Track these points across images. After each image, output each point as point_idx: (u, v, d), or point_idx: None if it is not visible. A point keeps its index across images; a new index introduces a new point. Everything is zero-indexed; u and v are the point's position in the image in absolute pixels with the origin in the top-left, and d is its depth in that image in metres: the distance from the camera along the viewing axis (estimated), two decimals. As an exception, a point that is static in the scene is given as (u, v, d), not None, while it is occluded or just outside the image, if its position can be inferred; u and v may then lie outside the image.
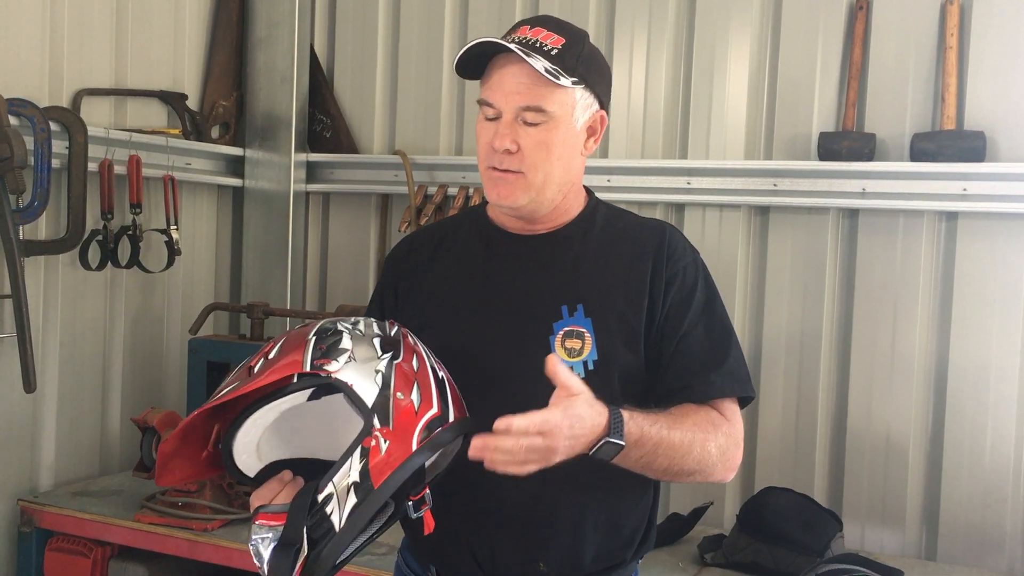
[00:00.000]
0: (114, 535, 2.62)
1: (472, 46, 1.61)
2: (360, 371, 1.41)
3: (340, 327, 1.48)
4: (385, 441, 1.37)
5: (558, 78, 1.58)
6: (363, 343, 1.46)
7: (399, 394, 1.41)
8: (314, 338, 1.45)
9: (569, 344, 1.62)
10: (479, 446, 1.35)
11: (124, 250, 2.97)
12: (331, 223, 3.52)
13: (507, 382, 1.62)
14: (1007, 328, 2.61)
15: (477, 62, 1.65)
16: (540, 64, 1.57)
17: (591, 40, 1.71)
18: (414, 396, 1.42)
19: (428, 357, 1.52)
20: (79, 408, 2.97)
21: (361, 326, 1.50)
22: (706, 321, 1.67)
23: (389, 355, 1.45)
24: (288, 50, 3.39)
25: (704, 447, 1.56)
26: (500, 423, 1.35)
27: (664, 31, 2.99)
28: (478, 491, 1.61)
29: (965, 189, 2.59)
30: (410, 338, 1.54)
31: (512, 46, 1.57)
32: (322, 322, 1.50)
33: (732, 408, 1.65)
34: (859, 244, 2.78)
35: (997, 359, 2.62)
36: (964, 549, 2.64)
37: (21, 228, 2.63)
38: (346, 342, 1.44)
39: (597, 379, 1.61)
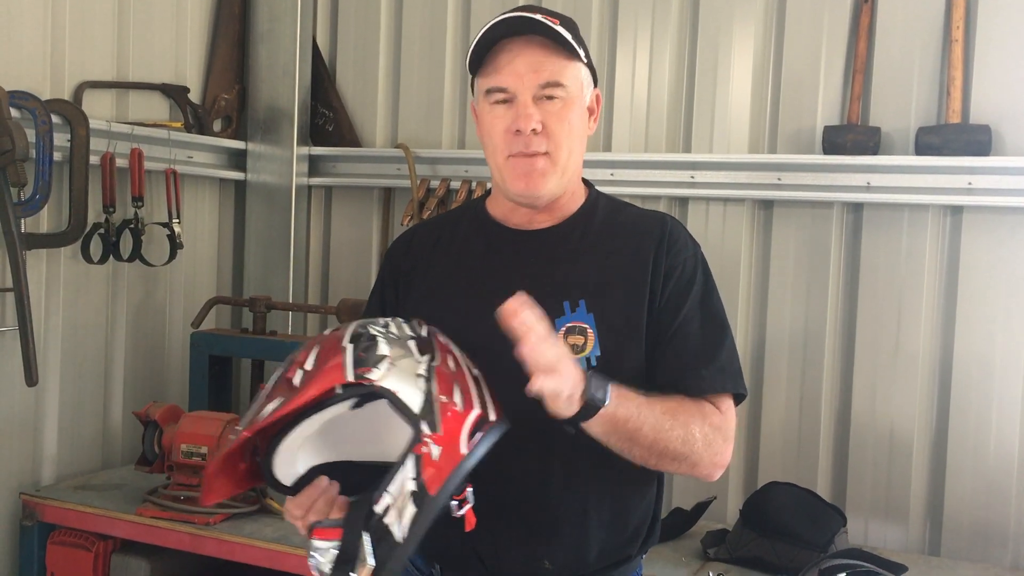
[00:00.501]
0: (116, 529, 2.62)
1: (489, 30, 1.59)
2: (402, 377, 1.38)
3: (373, 331, 1.44)
4: (436, 447, 1.34)
5: (580, 47, 1.59)
6: (399, 347, 1.42)
7: (443, 397, 1.38)
8: (351, 345, 1.41)
9: (572, 340, 1.61)
10: (511, 309, 1.36)
11: (126, 243, 2.96)
12: (333, 217, 3.51)
13: (509, 379, 1.61)
14: (1012, 323, 2.60)
15: (483, 48, 1.63)
16: (567, 33, 1.57)
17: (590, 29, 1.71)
18: (456, 398, 1.39)
19: (461, 356, 1.49)
20: (81, 402, 2.96)
21: (393, 329, 1.46)
22: (701, 314, 1.66)
23: (427, 358, 1.42)
24: (290, 43, 3.38)
25: (688, 428, 1.54)
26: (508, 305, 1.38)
27: (668, 24, 2.98)
28: (482, 489, 1.60)
29: (970, 183, 2.58)
30: (440, 337, 1.50)
31: (538, 16, 1.56)
32: (353, 326, 1.46)
33: (726, 403, 1.64)
34: (863, 238, 2.77)
35: (1002, 354, 2.61)
36: (968, 544, 2.64)
37: (23, 221, 2.62)
38: (383, 347, 1.40)
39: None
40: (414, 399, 1.36)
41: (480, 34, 1.61)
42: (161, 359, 3.23)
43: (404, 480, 1.33)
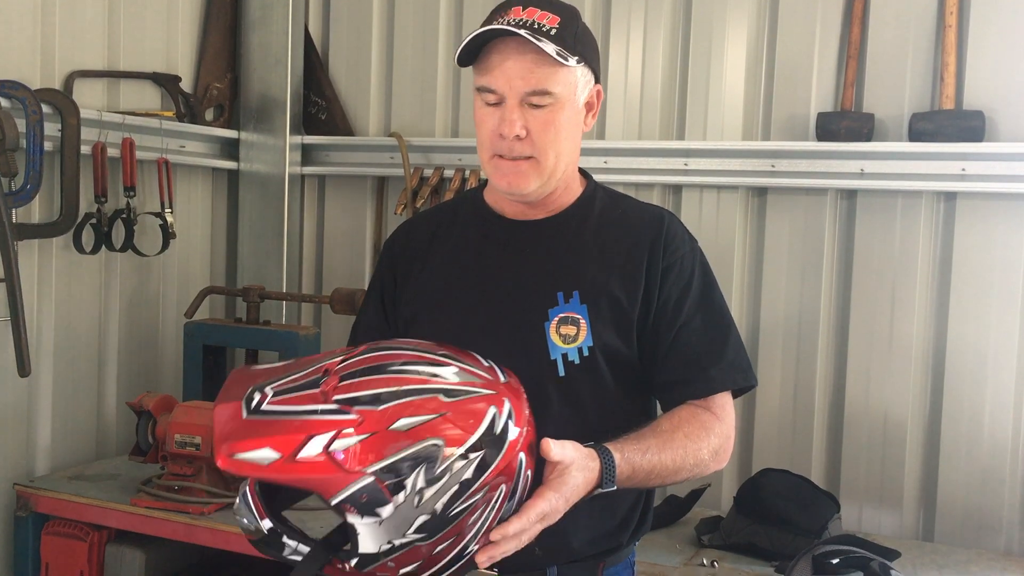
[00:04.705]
0: (111, 519, 2.62)
1: (479, 34, 1.58)
2: (374, 534, 1.30)
3: (401, 482, 1.28)
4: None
5: (567, 60, 1.56)
6: (399, 519, 1.30)
7: (390, 564, 1.33)
8: (368, 477, 1.29)
9: (564, 330, 1.61)
10: (484, 561, 1.34)
11: (118, 234, 2.95)
12: (327, 206, 3.50)
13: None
14: (1005, 309, 2.60)
15: (470, 47, 1.62)
16: (551, 47, 1.55)
17: (584, 17, 1.70)
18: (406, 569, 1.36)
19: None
20: (74, 392, 2.96)
21: (422, 485, 1.30)
22: (704, 312, 1.67)
23: (421, 536, 1.32)
24: (282, 31, 3.36)
25: (697, 456, 1.58)
26: (495, 534, 1.34)
27: (661, 11, 2.97)
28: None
29: (964, 169, 2.58)
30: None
31: (523, 32, 1.54)
32: (402, 456, 1.29)
33: (725, 402, 1.66)
34: (857, 225, 2.76)
35: (995, 339, 2.61)
36: (961, 530, 2.65)
37: (14, 211, 2.61)
38: (386, 509, 1.28)
39: (591, 366, 1.61)
40: (367, 543, 1.31)
41: (468, 38, 1.59)
42: (154, 349, 3.23)
43: None
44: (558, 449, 1.39)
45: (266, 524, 1.36)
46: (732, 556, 2.44)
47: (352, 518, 1.28)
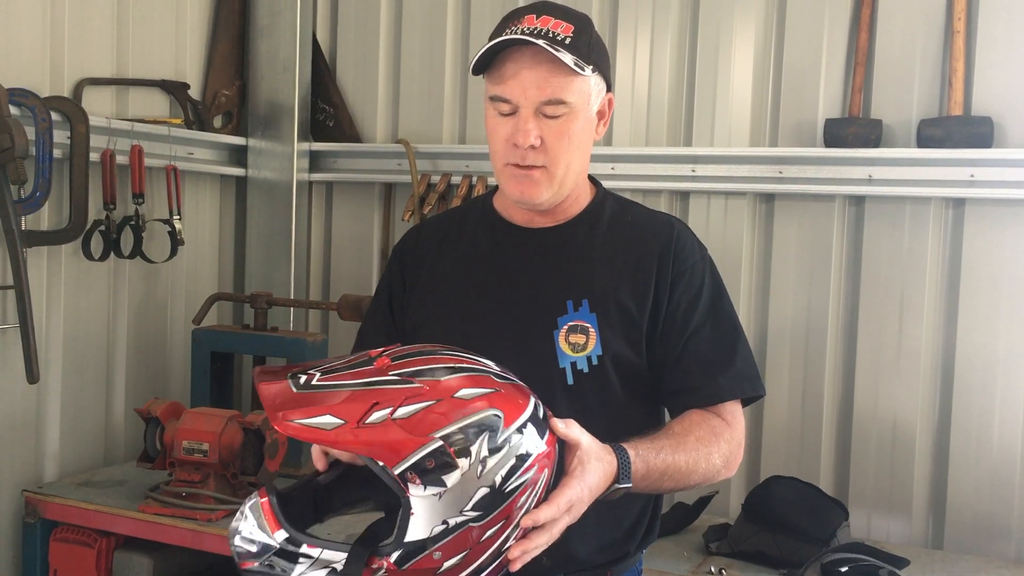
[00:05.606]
0: (118, 525, 2.62)
1: (496, 44, 1.58)
2: (433, 511, 1.29)
3: (461, 460, 1.29)
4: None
5: (583, 69, 1.56)
6: (459, 492, 1.30)
7: (436, 554, 1.31)
8: (437, 442, 1.30)
9: (573, 339, 1.61)
10: (518, 556, 1.34)
11: (127, 240, 2.96)
12: (334, 212, 3.50)
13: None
14: (1015, 315, 2.59)
15: (483, 56, 1.61)
16: (568, 57, 1.55)
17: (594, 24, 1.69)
18: (451, 560, 1.34)
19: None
20: (83, 399, 2.96)
21: (480, 464, 1.31)
22: (713, 320, 1.67)
23: (477, 514, 1.31)
24: (290, 38, 3.37)
25: (709, 461, 1.58)
26: (528, 520, 1.34)
27: (668, 17, 2.97)
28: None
29: (972, 175, 2.57)
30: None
31: (540, 42, 1.54)
32: (462, 425, 1.31)
33: (735, 410, 1.66)
34: (865, 231, 2.76)
35: (1005, 346, 2.60)
36: (971, 537, 2.63)
37: (23, 218, 2.62)
38: (451, 479, 1.29)
39: (600, 375, 1.61)
40: (419, 525, 1.30)
41: (485, 47, 1.59)
42: (162, 356, 3.23)
43: None
44: (568, 428, 1.41)
45: (280, 535, 1.36)
46: (740, 564, 2.43)
47: (414, 490, 1.28)
